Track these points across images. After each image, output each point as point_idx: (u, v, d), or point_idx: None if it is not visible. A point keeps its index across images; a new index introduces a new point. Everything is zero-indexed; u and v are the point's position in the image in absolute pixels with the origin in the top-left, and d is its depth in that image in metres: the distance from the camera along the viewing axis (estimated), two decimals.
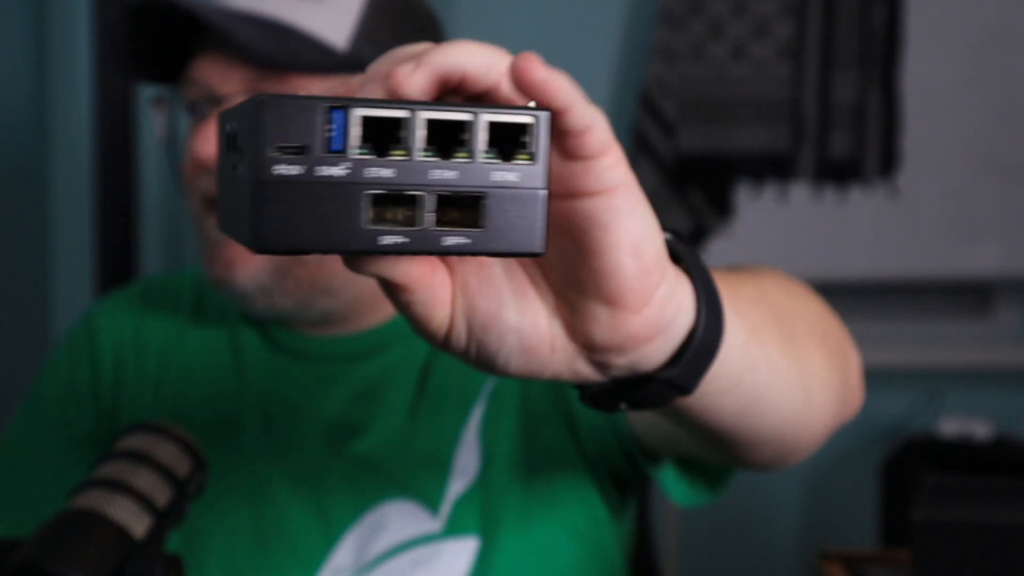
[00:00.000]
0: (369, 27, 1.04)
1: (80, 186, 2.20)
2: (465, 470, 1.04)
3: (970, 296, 2.53)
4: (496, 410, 1.06)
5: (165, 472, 0.87)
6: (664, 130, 2.35)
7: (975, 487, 0.86)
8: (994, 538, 0.81)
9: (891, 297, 2.52)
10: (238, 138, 0.48)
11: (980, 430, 2.33)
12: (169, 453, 0.89)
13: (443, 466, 1.05)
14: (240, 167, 0.47)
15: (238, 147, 0.48)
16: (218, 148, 0.53)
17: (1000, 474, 2.16)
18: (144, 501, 0.84)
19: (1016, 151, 2.38)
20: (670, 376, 0.56)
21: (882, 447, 2.33)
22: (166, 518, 0.86)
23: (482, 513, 1.03)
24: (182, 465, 0.89)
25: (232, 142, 0.49)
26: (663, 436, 0.94)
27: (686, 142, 2.36)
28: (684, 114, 2.35)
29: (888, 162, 2.37)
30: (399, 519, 1.03)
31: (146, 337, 1.14)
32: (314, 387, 1.09)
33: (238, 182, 0.47)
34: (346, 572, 1.03)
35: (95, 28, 1.82)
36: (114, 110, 1.83)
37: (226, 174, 0.51)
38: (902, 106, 2.36)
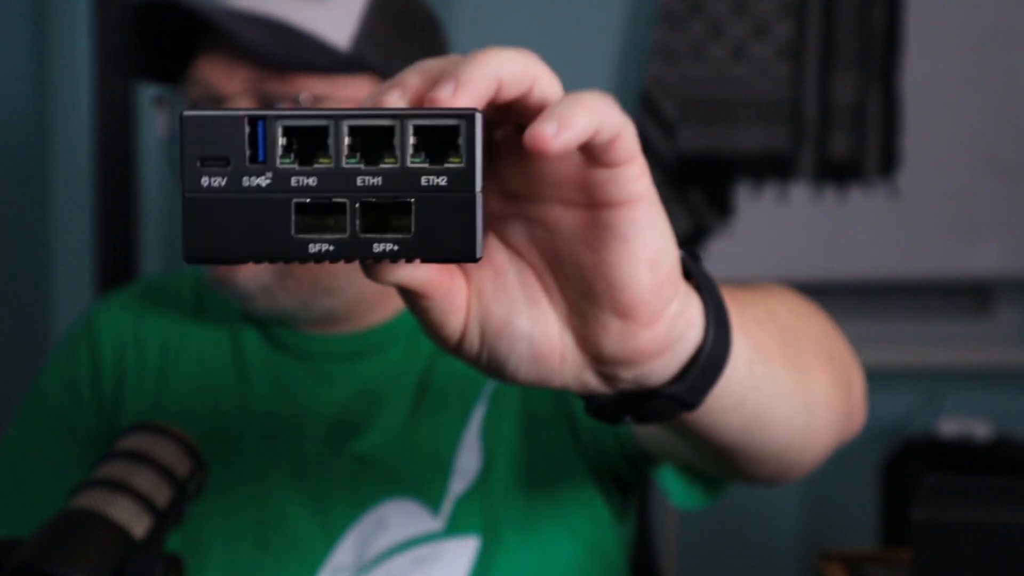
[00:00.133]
0: (371, 27, 1.04)
1: (80, 186, 2.20)
2: (466, 470, 1.04)
3: (970, 296, 2.53)
4: (497, 411, 1.06)
5: (165, 472, 0.87)
6: (664, 130, 2.35)
7: (975, 487, 0.86)
8: (994, 538, 0.81)
9: (891, 297, 2.51)
10: None
11: (980, 430, 2.32)
12: (169, 453, 0.89)
13: (444, 466, 1.05)
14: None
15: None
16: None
17: (1000, 474, 2.15)
18: (144, 501, 0.84)
19: (1016, 151, 2.37)
20: (676, 392, 0.56)
21: (882, 447, 2.33)
22: (166, 518, 0.86)
23: (483, 513, 1.03)
24: (182, 465, 0.89)
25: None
26: (665, 445, 0.94)
27: (686, 142, 2.36)
28: (684, 114, 2.35)
29: (888, 162, 2.37)
30: (400, 518, 1.03)
31: (146, 336, 1.14)
32: (315, 386, 1.09)
33: None
34: (347, 571, 1.03)
35: (95, 28, 1.82)
36: (114, 110, 1.82)
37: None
38: (902, 106, 2.35)
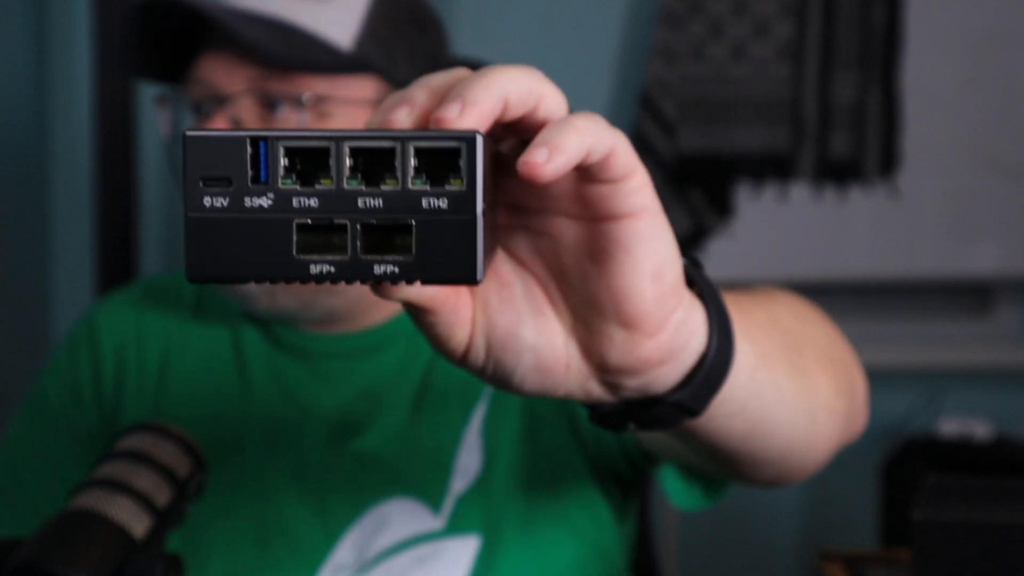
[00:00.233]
0: (373, 27, 1.05)
1: (80, 186, 2.20)
2: (467, 469, 1.04)
3: (970, 296, 2.53)
4: (498, 410, 1.06)
5: (165, 472, 0.87)
6: (664, 130, 2.35)
7: (975, 487, 0.86)
8: (994, 538, 0.81)
9: (891, 297, 2.51)
10: None
11: (980, 430, 2.32)
12: (169, 453, 0.89)
13: (445, 465, 1.05)
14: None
15: None
16: None
17: (1000, 474, 2.15)
18: (144, 501, 0.84)
19: (1016, 151, 2.37)
20: (680, 399, 0.57)
21: (882, 447, 2.33)
22: (166, 518, 0.86)
23: (484, 512, 1.03)
24: (182, 465, 0.89)
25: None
26: (667, 448, 0.94)
27: (686, 142, 2.36)
28: (684, 114, 2.35)
29: (888, 162, 2.37)
30: (400, 517, 1.03)
31: (147, 335, 1.14)
32: (316, 385, 1.09)
33: None
34: (347, 570, 1.03)
35: (95, 28, 1.82)
36: (114, 110, 1.82)
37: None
38: (902, 106, 2.35)
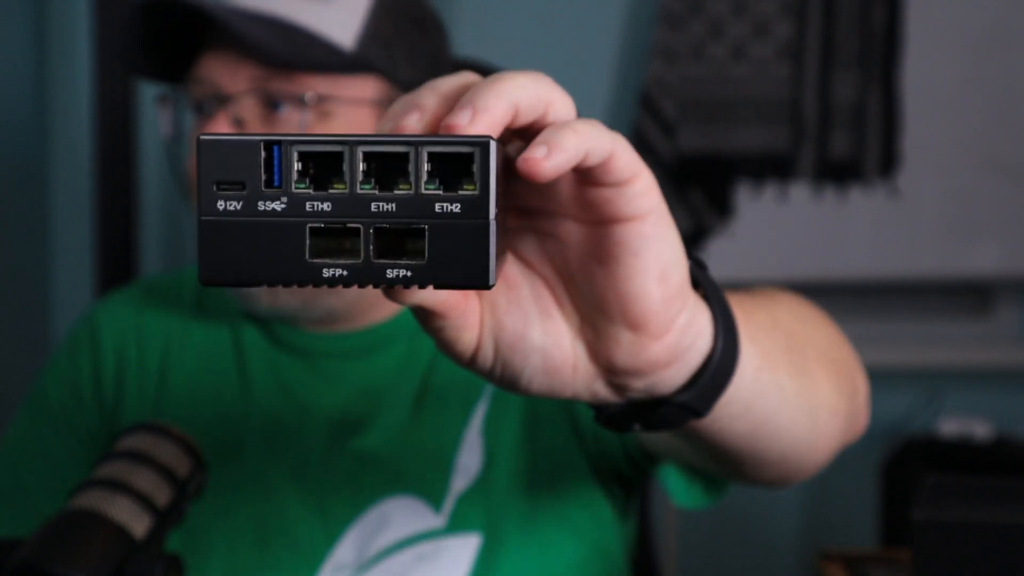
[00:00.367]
0: (375, 27, 1.05)
1: (80, 186, 2.20)
2: (468, 468, 1.04)
3: (970, 296, 2.53)
4: (499, 409, 1.06)
5: (165, 472, 0.87)
6: (664, 130, 2.35)
7: (975, 487, 0.86)
8: (994, 538, 0.81)
9: (891, 297, 2.51)
10: None
11: (980, 430, 2.32)
12: (169, 453, 0.89)
13: (446, 463, 1.05)
14: None
15: None
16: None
17: (1000, 474, 2.15)
18: (144, 501, 0.85)
19: (1016, 151, 2.37)
20: (685, 400, 0.57)
21: (882, 447, 2.33)
22: (166, 518, 0.86)
23: (485, 511, 1.03)
24: (182, 465, 0.89)
25: None
26: (670, 447, 0.94)
27: (686, 142, 2.36)
28: (684, 114, 2.35)
29: (888, 162, 2.37)
30: (401, 515, 1.03)
31: (148, 335, 1.14)
32: (316, 384, 1.10)
33: None
34: (348, 569, 1.03)
35: (95, 28, 1.82)
36: (114, 110, 1.82)
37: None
38: (902, 106, 2.35)
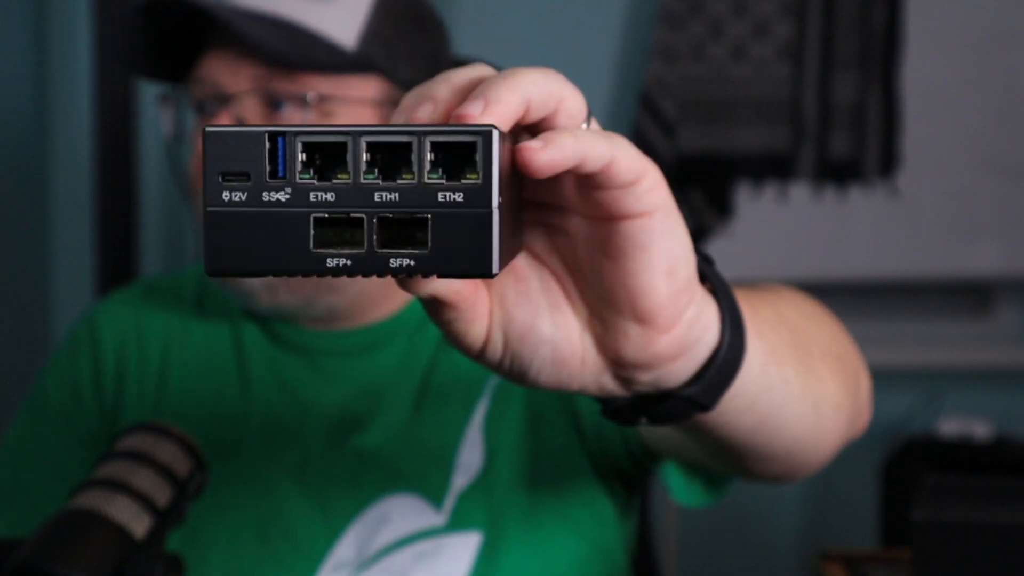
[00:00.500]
0: (376, 27, 1.05)
1: (80, 186, 2.20)
2: (469, 465, 1.04)
3: (970, 296, 2.53)
4: (500, 407, 1.06)
5: (165, 472, 0.87)
6: (664, 130, 2.35)
7: (975, 487, 0.86)
8: (994, 538, 0.81)
9: (891, 297, 2.51)
10: None
11: (980, 430, 2.32)
12: (169, 453, 0.89)
13: (447, 461, 1.05)
14: None
15: None
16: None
17: (1000, 474, 2.15)
18: (144, 501, 0.85)
19: (1016, 151, 2.37)
20: (692, 393, 0.57)
21: (882, 447, 2.33)
22: (166, 518, 0.86)
23: (486, 508, 1.03)
24: (182, 465, 0.89)
25: None
26: (673, 444, 0.94)
27: (686, 142, 2.36)
28: (684, 114, 2.35)
29: (888, 162, 2.37)
30: (402, 513, 1.03)
31: (148, 334, 1.14)
32: (317, 382, 1.10)
33: None
34: (348, 566, 1.03)
35: (95, 28, 1.82)
36: (114, 110, 1.82)
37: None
38: (902, 106, 2.35)
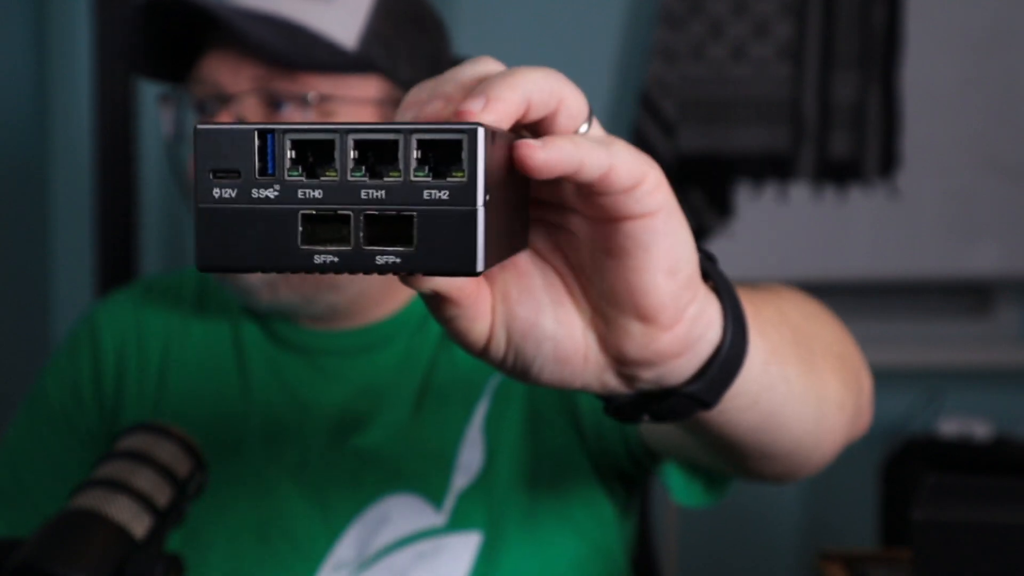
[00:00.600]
0: (377, 27, 1.05)
1: (80, 186, 2.20)
2: (469, 465, 1.05)
3: (970, 296, 2.53)
4: (501, 407, 1.06)
5: (165, 472, 0.87)
6: (664, 130, 2.35)
7: (975, 487, 0.86)
8: (994, 538, 0.81)
9: (891, 297, 2.51)
10: None
11: (980, 430, 2.32)
12: (169, 453, 0.89)
13: (447, 461, 1.05)
14: None
15: None
16: None
17: (1000, 474, 2.16)
18: (144, 501, 0.85)
19: (1016, 151, 2.37)
20: (694, 391, 0.58)
21: (882, 447, 2.33)
22: (166, 518, 0.86)
23: (486, 508, 1.03)
24: (182, 465, 0.89)
25: None
26: (673, 443, 0.94)
27: (686, 142, 2.36)
28: (684, 114, 2.35)
29: (888, 162, 2.37)
30: (402, 513, 1.03)
31: (148, 334, 1.14)
32: (317, 381, 1.10)
33: None
34: (348, 566, 1.03)
35: (95, 28, 1.82)
36: (114, 110, 1.83)
37: None
38: (902, 106, 2.35)
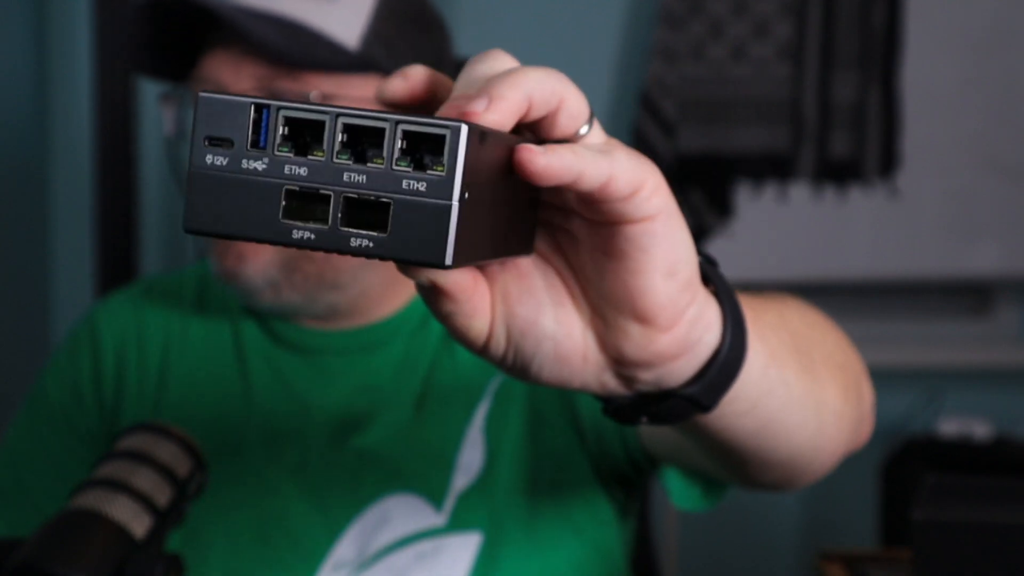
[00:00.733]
0: (379, 27, 1.05)
1: (80, 186, 2.20)
2: (469, 466, 1.05)
3: (970, 296, 2.53)
4: (502, 408, 1.06)
5: (165, 472, 0.87)
6: (664, 130, 2.35)
7: (975, 487, 0.86)
8: (994, 538, 0.81)
9: (891, 297, 2.51)
10: None
11: (980, 430, 2.32)
12: (169, 453, 0.89)
13: (447, 461, 1.05)
14: None
15: None
16: None
17: (1000, 474, 2.16)
18: (144, 501, 0.85)
19: (1016, 151, 2.37)
20: (692, 393, 0.58)
21: (882, 447, 2.33)
22: (166, 518, 0.86)
23: (486, 509, 1.03)
24: (182, 465, 0.89)
25: None
26: (672, 448, 0.94)
27: (686, 142, 2.36)
28: (684, 114, 2.35)
29: (888, 162, 2.37)
30: (402, 513, 1.03)
31: (148, 334, 1.14)
32: (317, 381, 1.10)
33: None
34: (348, 566, 1.03)
35: (95, 28, 1.82)
36: (114, 110, 1.82)
37: None
38: (902, 106, 2.35)
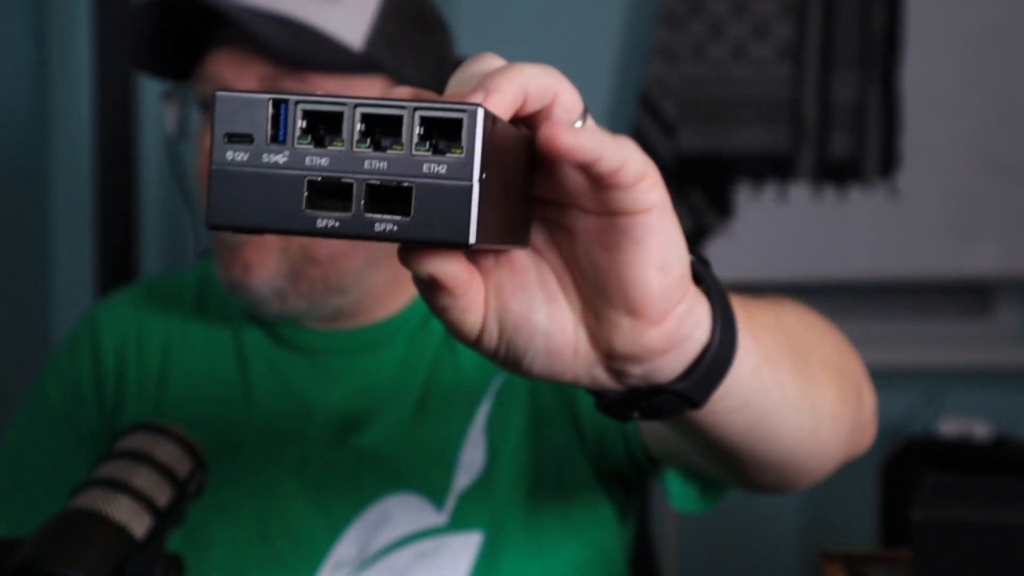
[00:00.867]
0: (382, 28, 1.05)
1: (80, 186, 2.20)
2: (471, 465, 1.05)
3: (970, 296, 2.53)
4: (503, 408, 1.06)
5: (165, 472, 0.87)
6: (664, 130, 2.35)
7: (975, 487, 0.86)
8: (994, 538, 0.81)
9: (891, 297, 2.51)
10: None
11: (980, 430, 2.32)
12: (169, 453, 0.89)
13: (448, 461, 1.05)
14: None
15: None
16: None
17: (1000, 474, 2.15)
18: (144, 501, 0.85)
19: (1016, 151, 2.37)
20: (682, 388, 0.59)
21: (882, 447, 2.33)
22: (166, 518, 0.86)
23: (487, 508, 1.04)
24: (182, 465, 0.89)
25: None
26: (671, 448, 0.94)
27: (686, 142, 2.36)
28: (684, 114, 2.35)
29: (888, 162, 2.37)
30: (403, 512, 1.03)
31: (148, 334, 1.14)
32: (318, 381, 1.10)
33: None
34: (349, 565, 1.03)
35: (95, 28, 1.82)
36: (114, 110, 1.82)
37: None
38: (902, 106, 2.35)
